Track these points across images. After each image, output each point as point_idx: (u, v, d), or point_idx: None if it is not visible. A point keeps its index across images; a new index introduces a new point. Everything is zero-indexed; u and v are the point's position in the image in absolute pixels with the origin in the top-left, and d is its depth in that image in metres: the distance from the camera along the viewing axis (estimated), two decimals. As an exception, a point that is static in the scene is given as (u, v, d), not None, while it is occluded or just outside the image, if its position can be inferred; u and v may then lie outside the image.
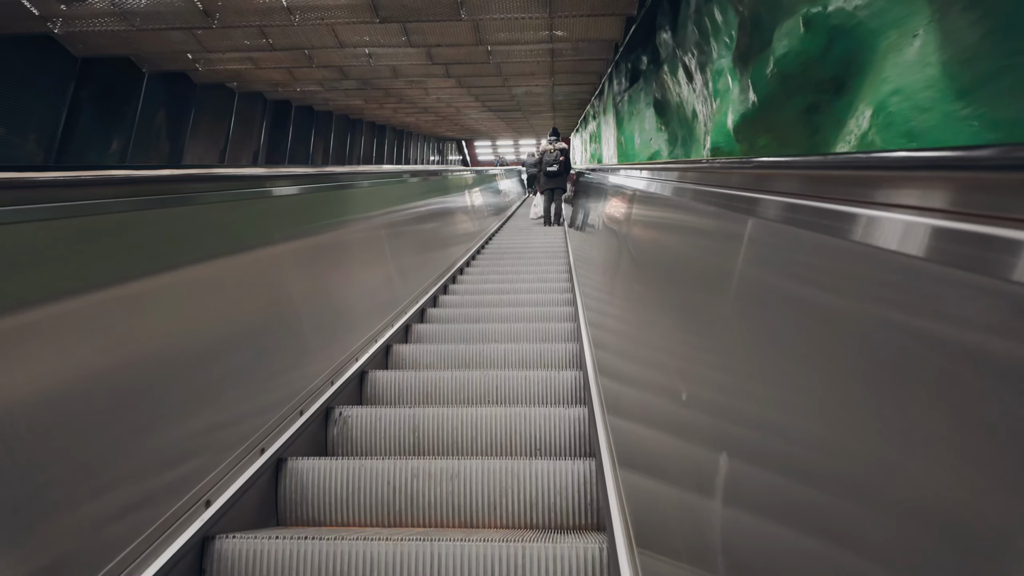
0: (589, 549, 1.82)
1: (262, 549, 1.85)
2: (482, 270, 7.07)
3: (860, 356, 0.69)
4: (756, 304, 1.07)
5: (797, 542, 0.78)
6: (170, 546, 1.69)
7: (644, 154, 7.47)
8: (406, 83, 11.03)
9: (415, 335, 4.34)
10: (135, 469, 1.63)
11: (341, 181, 3.70)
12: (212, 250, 2.18)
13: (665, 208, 2.25)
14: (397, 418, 2.79)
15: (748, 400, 1.02)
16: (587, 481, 2.23)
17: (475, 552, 1.82)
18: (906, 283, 0.63)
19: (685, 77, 5.48)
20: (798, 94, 3.11)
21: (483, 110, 15.44)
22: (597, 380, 2.62)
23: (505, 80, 11.00)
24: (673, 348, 1.60)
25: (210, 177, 2.36)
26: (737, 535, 0.97)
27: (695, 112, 5.35)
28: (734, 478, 1.02)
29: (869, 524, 0.62)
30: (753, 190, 1.18)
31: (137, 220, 1.81)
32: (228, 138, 11.04)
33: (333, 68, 9.65)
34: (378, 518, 2.26)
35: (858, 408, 0.68)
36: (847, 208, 0.77)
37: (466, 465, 2.28)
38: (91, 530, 1.46)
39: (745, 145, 3.91)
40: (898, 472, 0.59)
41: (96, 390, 1.55)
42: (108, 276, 1.65)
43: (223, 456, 2.00)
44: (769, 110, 3.48)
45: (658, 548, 1.38)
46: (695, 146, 5.43)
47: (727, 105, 4.12)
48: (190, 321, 1.99)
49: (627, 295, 2.57)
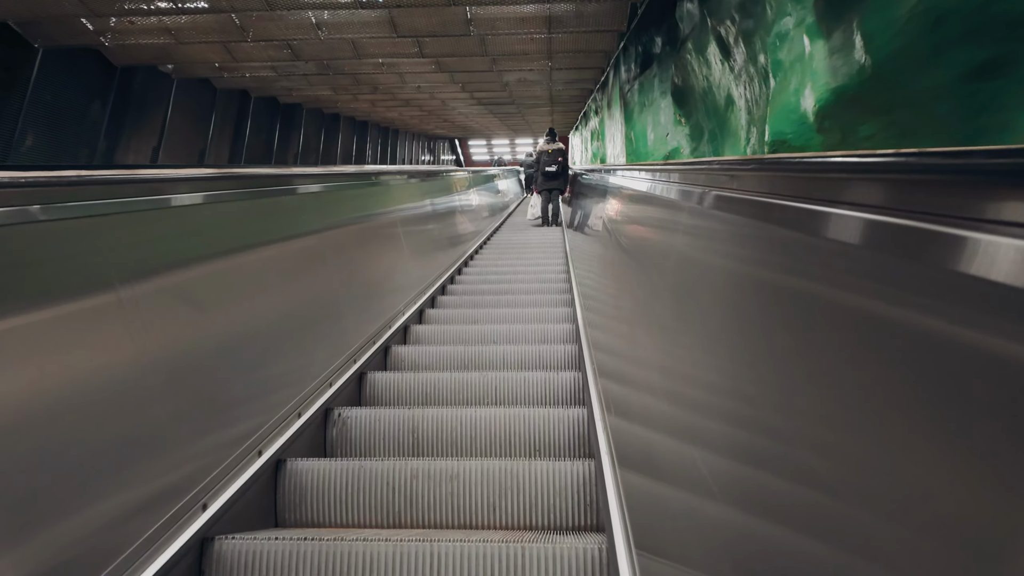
0: (588, 550, 1.82)
1: (261, 550, 1.85)
2: (480, 271, 7.07)
3: (863, 359, 0.69)
4: (756, 307, 1.07)
5: (798, 543, 0.78)
6: (169, 547, 1.69)
7: (659, 152, 6.39)
8: (375, 66, 9.46)
9: (414, 336, 4.34)
10: (134, 470, 1.62)
11: (323, 182, 3.66)
12: (210, 252, 2.18)
13: (664, 210, 2.25)
14: (396, 419, 2.79)
15: (748, 401, 1.02)
16: (586, 482, 2.23)
17: (474, 553, 1.82)
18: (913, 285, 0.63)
19: (719, 54, 4.33)
20: (960, 46, 1.99)
21: (473, 103, 13.71)
22: (596, 381, 2.62)
23: (494, 62, 9.40)
24: (672, 350, 1.60)
25: (222, 177, 2.36)
26: (737, 536, 0.97)
27: (731, 98, 4.22)
28: (735, 479, 1.02)
29: (870, 526, 0.61)
30: (762, 194, 1.17)
31: (125, 222, 1.81)
32: (163, 132, 9.36)
33: (276, 44, 8.09)
34: (377, 519, 2.26)
35: (859, 409, 0.68)
36: (862, 214, 0.76)
37: (465, 466, 2.28)
38: (91, 531, 1.46)
39: (834, 136, 2.79)
40: (898, 477, 0.59)
41: (94, 391, 1.55)
42: (105, 280, 1.65)
43: (222, 457, 2.00)
44: (893, 78, 2.33)
45: (657, 549, 1.38)
46: (730, 141, 4.26)
47: (802, 80, 2.99)
48: (189, 323, 1.99)
49: (626, 296, 2.57)
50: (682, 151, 5.54)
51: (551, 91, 12.25)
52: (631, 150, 8.13)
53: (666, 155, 6.03)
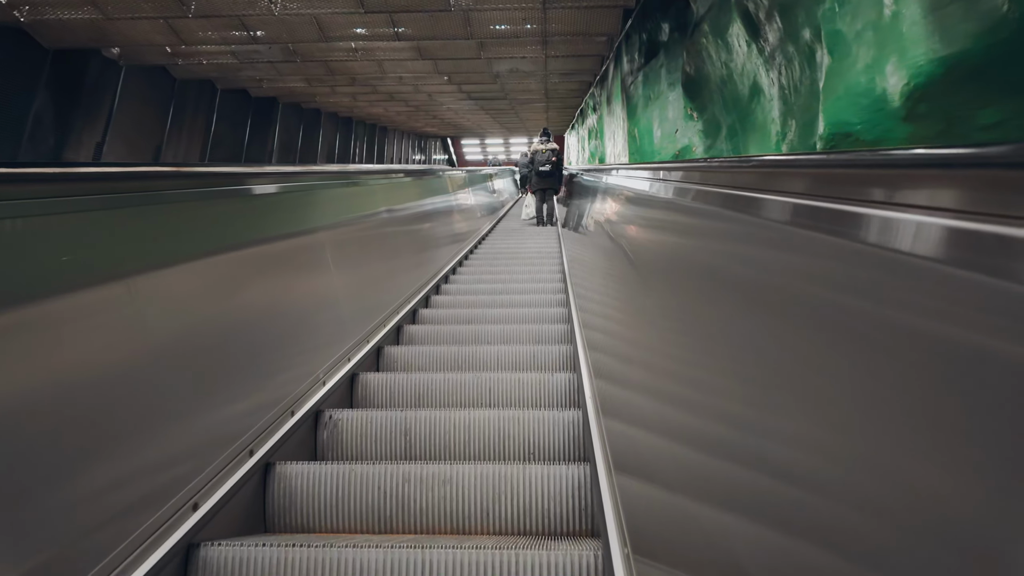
0: (584, 556, 1.78)
1: (248, 557, 1.80)
2: (475, 270, 7.03)
3: (861, 359, 0.66)
4: (754, 307, 1.04)
5: (801, 549, 0.76)
6: (153, 554, 1.64)
7: (667, 151, 5.76)
8: (346, 52, 8.45)
9: (407, 336, 4.30)
10: (115, 473, 1.58)
11: (313, 180, 3.60)
12: (197, 247, 2.14)
13: (660, 209, 2.22)
14: (388, 421, 2.75)
15: (747, 404, 1.00)
16: (581, 486, 2.19)
17: (467, 559, 1.78)
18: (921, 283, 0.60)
19: (744, 34, 3.64)
20: None
21: (462, 97, 12.72)
22: (592, 383, 2.59)
23: (481, 47, 8.27)
24: (669, 351, 1.57)
25: (208, 174, 2.31)
26: (736, 542, 0.95)
27: (758, 86, 3.59)
28: (733, 483, 1.00)
29: (869, 531, 0.60)
30: (753, 189, 1.15)
31: (113, 218, 1.76)
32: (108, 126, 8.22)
33: (226, 20, 7.12)
34: (368, 524, 2.22)
35: (858, 409, 0.66)
36: (855, 208, 0.73)
37: (458, 470, 2.24)
38: (69, 537, 1.41)
39: (931, 125, 2.13)
40: (898, 481, 0.57)
41: (73, 392, 1.50)
42: (88, 275, 1.60)
43: (209, 460, 1.95)
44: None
45: (654, 555, 1.35)
46: (755, 136, 3.65)
47: (881, 52, 2.30)
48: (174, 323, 1.94)
49: (622, 297, 2.54)
50: (693, 149, 4.89)
51: (546, 84, 11.15)
52: (634, 148, 7.30)
53: (675, 153, 5.44)
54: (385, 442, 2.73)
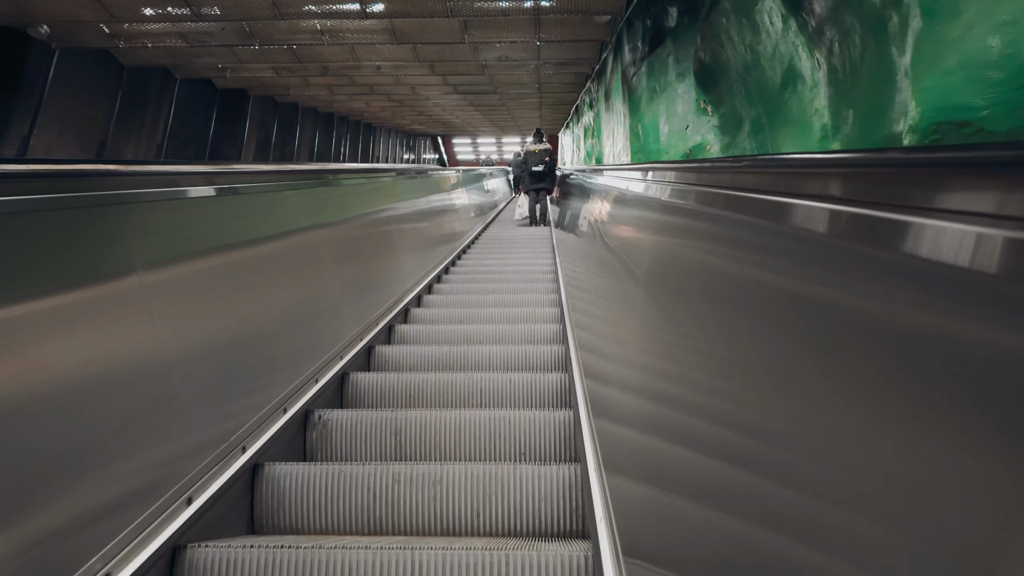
0: (574, 557, 1.77)
1: (236, 558, 1.78)
2: (467, 270, 7.02)
3: (856, 359, 0.66)
4: (745, 307, 1.03)
5: (793, 550, 0.75)
6: (137, 556, 1.62)
7: (677, 149, 5.12)
8: (311, 35, 7.50)
9: (399, 336, 4.28)
10: (99, 474, 1.56)
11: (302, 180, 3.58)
12: (187, 247, 2.12)
13: (651, 210, 2.21)
14: (378, 421, 2.73)
15: (737, 404, 0.99)
16: (572, 486, 2.18)
17: (457, 560, 1.77)
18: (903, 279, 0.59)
19: (780, 7, 2.97)
20: None
21: (448, 91, 11.63)
22: (583, 383, 2.58)
23: (465, 28, 7.22)
24: (660, 351, 1.57)
25: (207, 173, 2.29)
26: (726, 541, 0.94)
27: (794, 71, 2.94)
28: (723, 483, 0.99)
29: (859, 531, 0.59)
30: (738, 189, 1.14)
31: (104, 216, 1.74)
32: (36, 118, 7.25)
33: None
34: (358, 525, 2.20)
35: (856, 410, 0.65)
36: (852, 209, 0.73)
37: (449, 470, 2.23)
38: (50, 539, 1.39)
39: None
40: (893, 481, 0.56)
41: (56, 390, 1.48)
42: (75, 274, 1.58)
43: (196, 461, 1.93)
44: None
45: (644, 556, 1.35)
46: (789, 132, 3.03)
47: None
48: (158, 323, 1.92)
49: (614, 297, 2.53)
50: (708, 148, 4.31)
51: (539, 76, 10.14)
52: (637, 147, 6.53)
53: (686, 152, 4.82)
54: (375, 442, 2.71)
